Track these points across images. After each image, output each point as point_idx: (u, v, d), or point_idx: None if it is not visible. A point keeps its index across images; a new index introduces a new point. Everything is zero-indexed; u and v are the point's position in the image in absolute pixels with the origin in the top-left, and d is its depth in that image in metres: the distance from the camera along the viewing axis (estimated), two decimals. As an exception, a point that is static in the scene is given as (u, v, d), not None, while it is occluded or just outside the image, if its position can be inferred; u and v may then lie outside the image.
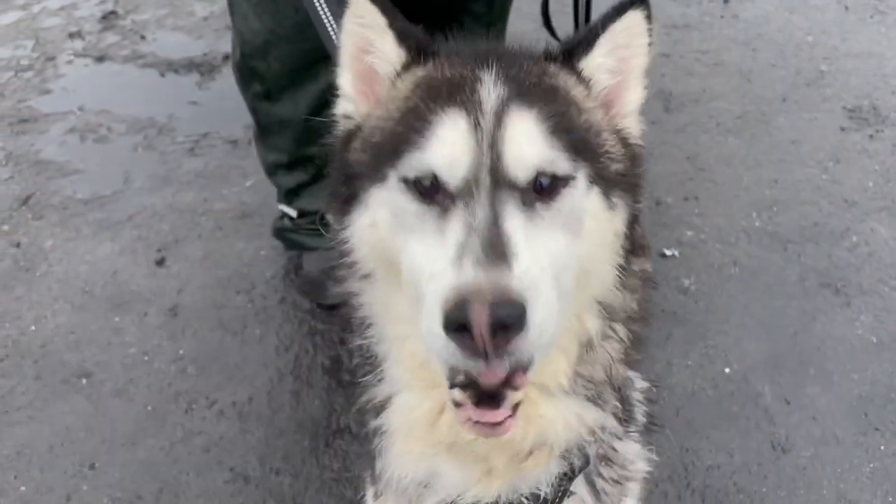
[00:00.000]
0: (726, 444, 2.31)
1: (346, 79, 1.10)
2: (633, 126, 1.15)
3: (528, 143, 0.94)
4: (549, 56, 1.10)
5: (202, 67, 3.93)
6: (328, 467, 2.27)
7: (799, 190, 3.18)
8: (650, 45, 1.10)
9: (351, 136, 1.08)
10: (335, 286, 2.92)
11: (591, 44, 1.08)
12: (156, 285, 2.83)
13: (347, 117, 1.11)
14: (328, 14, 1.48)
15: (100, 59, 4.02)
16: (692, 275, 2.81)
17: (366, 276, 1.12)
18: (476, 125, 0.92)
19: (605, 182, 1.02)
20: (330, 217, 1.16)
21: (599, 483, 1.26)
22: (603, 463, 1.25)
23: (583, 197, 1.00)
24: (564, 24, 2.11)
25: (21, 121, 3.60)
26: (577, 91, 1.07)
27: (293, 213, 2.66)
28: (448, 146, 0.93)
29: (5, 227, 3.07)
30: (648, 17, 1.08)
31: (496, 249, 0.85)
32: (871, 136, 3.45)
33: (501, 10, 2.25)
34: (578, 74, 1.09)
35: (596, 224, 1.02)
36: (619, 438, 1.24)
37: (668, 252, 2.89)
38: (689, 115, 3.60)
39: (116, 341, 2.63)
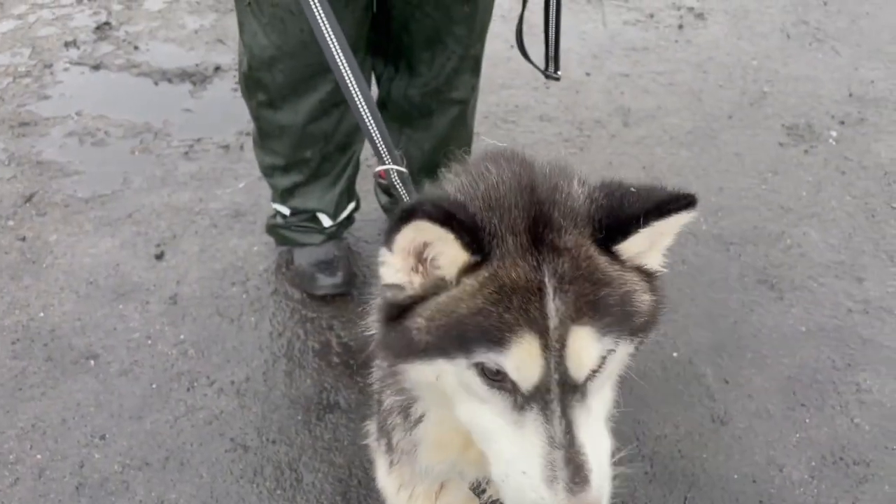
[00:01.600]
0: (673, 417, 2.60)
1: (397, 260, 1.12)
2: (655, 263, 1.21)
3: (587, 356, 1.08)
4: (592, 234, 1.14)
5: (194, 77, 4.16)
6: (320, 438, 2.52)
7: (741, 197, 3.52)
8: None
9: (405, 308, 1.15)
10: (324, 279, 3.16)
11: (628, 234, 1.12)
12: (156, 277, 3.04)
13: (397, 287, 1.15)
14: (330, 33, 1.72)
15: (95, 67, 4.21)
16: (645, 271, 3.12)
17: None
18: (545, 346, 1.06)
19: (635, 332, 1.17)
20: (380, 359, 1.31)
21: None
22: None
23: (619, 357, 1.18)
24: (531, 45, 2.37)
25: (21, 124, 3.78)
26: (615, 269, 1.14)
27: (286, 211, 2.89)
28: (524, 365, 1.06)
29: (10, 223, 3.26)
30: (693, 208, 1.12)
31: (580, 472, 1.07)
32: (805, 151, 3.83)
33: (481, 32, 2.51)
34: (615, 255, 1.15)
35: (619, 364, 1.24)
36: None
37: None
38: (645, 129, 3.92)
39: (121, 327, 2.84)
